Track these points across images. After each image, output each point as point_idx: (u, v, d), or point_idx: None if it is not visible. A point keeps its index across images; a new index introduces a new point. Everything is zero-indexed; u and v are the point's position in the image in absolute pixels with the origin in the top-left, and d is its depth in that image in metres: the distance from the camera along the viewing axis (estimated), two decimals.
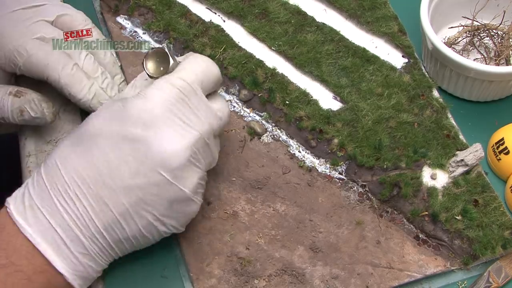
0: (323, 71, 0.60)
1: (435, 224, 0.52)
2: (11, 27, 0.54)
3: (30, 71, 0.54)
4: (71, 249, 0.44)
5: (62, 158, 0.45)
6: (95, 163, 0.44)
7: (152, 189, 0.44)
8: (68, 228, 0.43)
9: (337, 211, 0.54)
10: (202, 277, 0.50)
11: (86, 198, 0.44)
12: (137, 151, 0.44)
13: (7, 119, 0.53)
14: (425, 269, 0.50)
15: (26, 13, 0.55)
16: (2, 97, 0.52)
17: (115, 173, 0.44)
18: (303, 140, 0.57)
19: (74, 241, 0.44)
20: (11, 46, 0.53)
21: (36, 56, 0.53)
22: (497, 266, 0.50)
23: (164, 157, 0.44)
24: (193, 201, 0.47)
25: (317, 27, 0.64)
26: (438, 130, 0.56)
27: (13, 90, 0.53)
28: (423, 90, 0.59)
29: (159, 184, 0.44)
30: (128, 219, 0.44)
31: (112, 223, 0.44)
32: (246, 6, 0.65)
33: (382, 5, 0.65)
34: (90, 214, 0.44)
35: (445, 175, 0.54)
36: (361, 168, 0.55)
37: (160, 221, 0.45)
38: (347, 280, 0.50)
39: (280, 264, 0.51)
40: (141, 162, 0.44)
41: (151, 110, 0.44)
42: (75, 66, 0.54)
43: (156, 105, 0.45)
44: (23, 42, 0.53)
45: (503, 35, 0.62)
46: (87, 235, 0.44)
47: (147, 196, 0.44)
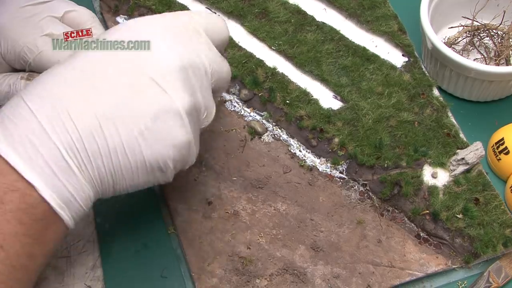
0: (323, 70, 0.60)
1: (436, 223, 0.52)
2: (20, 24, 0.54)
3: (41, 68, 0.54)
4: (46, 159, 0.38)
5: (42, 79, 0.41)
6: (80, 66, 0.40)
7: (138, 94, 0.40)
8: (42, 133, 0.38)
9: (338, 210, 0.54)
10: (203, 277, 0.50)
11: (69, 99, 0.39)
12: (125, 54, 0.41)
13: None
14: (426, 267, 0.50)
15: (35, 9, 0.55)
16: (15, 82, 0.53)
17: (100, 73, 0.40)
18: (304, 139, 0.57)
19: (49, 149, 0.38)
20: (21, 42, 0.53)
21: (47, 53, 0.53)
22: (497, 266, 0.50)
23: (154, 60, 0.41)
24: (182, 123, 0.41)
25: (317, 26, 0.64)
26: (438, 128, 0.56)
27: (25, 75, 0.53)
28: (423, 89, 0.59)
29: (145, 87, 0.40)
30: (109, 126, 0.39)
31: (93, 128, 0.39)
32: (246, 5, 0.65)
33: (382, 4, 0.65)
34: (69, 116, 0.38)
35: (446, 173, 0.54)
36: (361, 167, 0.55)
37: (144, 137, 0.40)
38: (349, 279, 0.50)
39: (281, 264, 0.50)
40: (129, 61, 0.41)
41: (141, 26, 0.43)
42: None
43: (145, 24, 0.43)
44: (33, 39, 0.53)
45: (503, 35, 0.62)
46: (64, 141, 0.38)
47: (132, 101, 0.40)
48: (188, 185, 0.55)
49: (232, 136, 0.58)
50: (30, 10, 0.55)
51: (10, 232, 0.37)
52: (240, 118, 0.59)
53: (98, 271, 0.51)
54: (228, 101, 0.60)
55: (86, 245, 0.52)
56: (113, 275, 0.51)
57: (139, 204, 0.55)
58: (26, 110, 0.39)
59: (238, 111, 0.60)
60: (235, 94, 0.60)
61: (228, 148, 0.57)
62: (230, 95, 0.60)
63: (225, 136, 0.57)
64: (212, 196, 0.54)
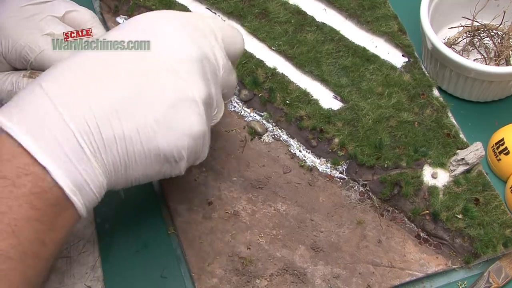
0: (323, 71, 0.60)
1: (436, 223, 0.52)
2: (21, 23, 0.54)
3: (42, 67, 0.54)
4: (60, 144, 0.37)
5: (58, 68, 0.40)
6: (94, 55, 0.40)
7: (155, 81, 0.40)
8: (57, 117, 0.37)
9: (338, 211, 0.54)
10: (203, 277, 0.50)
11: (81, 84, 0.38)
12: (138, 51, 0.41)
13: None
14: (426, 268, 0.50)
15: (35, 9, 0.55)
16: (17, 80, 0.53)
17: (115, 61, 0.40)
18: (304, 139, 0.57)
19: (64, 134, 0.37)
20: (22, 42, 0.53)
21: (48, 52, 0.53)
22: (497, 267, 0.50)
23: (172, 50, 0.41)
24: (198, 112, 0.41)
25: (317, 26, 0.64)
26: (438, 129, 0.56)
27: (27, 73, 0.53)
28: (423, 89, 0.59)
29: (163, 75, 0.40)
30: (125, 113, 0.39)
31: (109, 114, 0.38)
32: (246, 6, 0.65)
33: (382, 4, 0.65)
34: (86, 101, 0.38)
35: (446, 174, 0.54)
36: (361, 168, 0.55)
37: (160, 125, 0.39)
38: (349, 279, 0.50)
39: (281, 264, 0.50)
40: (141, 58, 0.40)
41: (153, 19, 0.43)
42: None
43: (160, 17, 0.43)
44: (35, 38, 0.53)
45: (503, 35, 0.62)
46: (80, 126, 0.37)
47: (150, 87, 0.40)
48: (188, 186, 0.55)
49: (232, 137, 0.58)
50: (30, 9, 0.55)
51: (22, 217, 0.36)
52: (240, 119, 0.59)
53: (98, 271, 0.51)
54: (228, 102, 0.60)
55: (86, 245, 0.52)
56: (113, 275, 0.51)
57: (139, 204, 0.55)
58: (41, 93, 0.38)
59: (238, 112, 0.60)
60: (235, 95, 0.60)
61: (228, 149, 0.57)
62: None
63: (225, 137, 0.57)
64: (212, 197, 0.54)
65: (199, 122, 0.41)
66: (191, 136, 0.41)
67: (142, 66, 0.40)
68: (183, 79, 0.40)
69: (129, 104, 0.39)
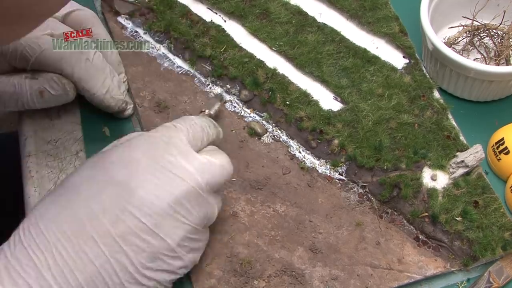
0: (324, 72, 0.60)
1: (435, 225, 0.52)
2: None
3: (43, 66, 0.54)
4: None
5: (41, 214, 0.42)
6: (76, 213, 0.41)
7: (132, 238, 0.41)
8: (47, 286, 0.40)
9: (337, 212, 0.54)
10: (201, 278, 0.50)
11: (67, 251, 0.40)
12: (118, 197, 0.42)
13: (26, 104, 0.54)
14: (425, 270, 0.50)
15: None
16: (19, 82, 0.53)
17: (95, 222, 0.41)
18: (304, 140, 0.57)
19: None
20: (23, 41, 0.53)
21: (50, 51, 0.53)
22: (498, 267, 0.50)
23: (143, 202, 0.42)
24: (177, 257, 0.44)
25: (318, 27, 0.64)
26: (438, 131, 0.56)
27: (29, 75, 0.53)
28: (424, 91, 0.59)
29: (139, 232, 0.42)
30: (109, 271, 0.41)
31: (94, 276, 0.41)
32: (247, 6, 0.65)
33: (383, 5, 0.65)
34: (70, 267, 0.40)
35: (445, 176, 0.54)
36: (361, 169, 0.55)
37: (142, 274, 0.42)
38: (347, 281, 0.50)
39: (279, 265, 0.51)
40: (121, 209, 0.41)
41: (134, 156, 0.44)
42: (87, 61, 0.54)
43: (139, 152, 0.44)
44: (35, 37, 0.53)
45: (503, 35, 0.61)
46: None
47: (128, 245, 0.41)
48: None
49: (232, 137, 0.58)
50: None
51: None
52: (240, 119, 0.59)
53: None
54: (228, 102, 0.60)
55: None
56: None
57: None
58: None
59: (238, 112, 0.60)
60: (235, 95, 0.60)
61: (228, 149, 0.57)
62: (230, 96, 0.60)
63: (225, 137, 0.57)
64: None
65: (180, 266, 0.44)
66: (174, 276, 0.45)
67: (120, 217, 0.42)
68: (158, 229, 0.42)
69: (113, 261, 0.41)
